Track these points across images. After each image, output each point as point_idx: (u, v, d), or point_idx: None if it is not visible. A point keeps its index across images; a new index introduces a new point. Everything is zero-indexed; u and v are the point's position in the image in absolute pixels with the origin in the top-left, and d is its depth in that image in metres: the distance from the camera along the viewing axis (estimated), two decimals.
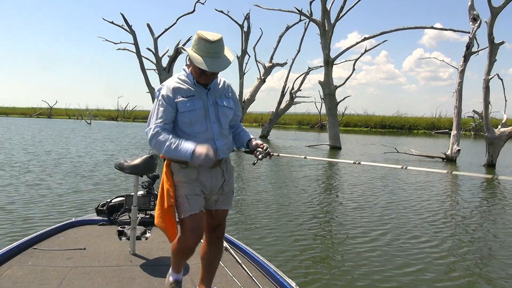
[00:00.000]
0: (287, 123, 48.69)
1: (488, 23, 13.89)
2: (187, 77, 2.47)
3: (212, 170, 2.45)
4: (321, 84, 20.63)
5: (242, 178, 10.76)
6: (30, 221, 5.99)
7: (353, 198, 8.50)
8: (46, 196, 7.62)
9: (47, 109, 61.22)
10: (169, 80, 2.49)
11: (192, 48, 2.36)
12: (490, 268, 4.78)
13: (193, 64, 2.37)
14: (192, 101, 2.42)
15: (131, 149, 17.75)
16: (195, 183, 2.41)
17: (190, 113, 2.40)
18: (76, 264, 3.11)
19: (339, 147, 20.26)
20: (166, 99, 2.40)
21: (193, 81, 2.44)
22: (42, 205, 6.93)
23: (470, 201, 8.63)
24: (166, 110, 2.39)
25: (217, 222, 2.57)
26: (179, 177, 2.41)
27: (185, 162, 2.38)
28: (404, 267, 4.66)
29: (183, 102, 2.41)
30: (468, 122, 37.09)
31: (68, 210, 6.67)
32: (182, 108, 2.40)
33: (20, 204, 6.97)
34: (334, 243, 5.62)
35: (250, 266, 3.15)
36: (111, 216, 4.12)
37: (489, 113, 14.76)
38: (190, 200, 2.39)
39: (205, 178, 2.44)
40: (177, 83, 2.44)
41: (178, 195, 2.40)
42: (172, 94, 2.40)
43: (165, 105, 2.39)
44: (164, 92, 2.41)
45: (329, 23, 19.89)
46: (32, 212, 6.49)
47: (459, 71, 16.02)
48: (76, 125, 38.18)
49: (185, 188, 2.40)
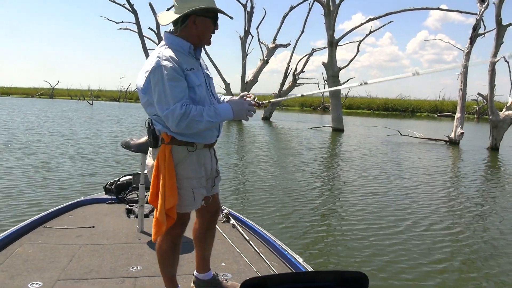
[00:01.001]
0: (290, 105, 48.51)
1: (496, 4, 13.68)
2: (182, 46, 2.16)
3: (211, 151, 2.31)
4: (325, 65, 20.46)
5: (244, 152, 10.79)
6: (39, 200, 6.06)
7: (357, 173, 8.54)
8: (55, 176, 7.68)
9: (49, 90, 60.97)
10: (163, 50, 2.11)
11: (187, 5, 2.10)
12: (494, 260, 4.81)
13: (202, 23, 2.13)
14: (196, 74, 2.16)
15: (135, 131, 17.75)
16: (201, 172, 2.23)
17: (199, 88, 2.15)
18: (86, 242, 3.15)
19: (342, 129, 20.20)
20: (176, 71, 2.04)
21: (188, 49, 2.17)
22: (50, 185, 7.00)
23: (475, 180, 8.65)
24: (181, 84, 2.06)
25: (216, 206, 2.48)
26: (185, 170, 2.17)
27: (192, 144, 2.17)
28: (410, 241, 4.70)
29: (192, 74, 2.13)
30: (472, 105, 36.87)
31: (77, 189, 6.75)
32: (192, 82, 2.11)
33: (29, 184, 7.02)
34: (340, 219, 5.67)
35: (257, 243, 3.18)
36: (119, 195, 4.16)
37: (494, 96, 14.66)
38: (195, 194, 2.21)
39: (207, 160, 2.28)
40: (176, 52, 2.11)
41: (183, 188, 2.17)
42: (179, 66, 2.06)
43: (178, 77, 2.04)
44: (168, 64, 2.03)
45: (334, 3, 19.61)
46: (41, 191, 6.56)
47: (465, 53, 15.84)
48: (78, 106, 38.08)
49: (192, 180, 2.19)
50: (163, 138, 2.15)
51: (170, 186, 2.11)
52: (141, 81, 2.13)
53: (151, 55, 2.14)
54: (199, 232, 2.48)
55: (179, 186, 2.15)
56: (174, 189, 2.12)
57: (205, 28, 2.17)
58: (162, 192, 2.10)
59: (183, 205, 2.19)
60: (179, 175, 2.15)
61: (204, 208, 2.34)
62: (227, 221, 3.60)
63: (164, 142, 2.14)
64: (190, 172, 2.18)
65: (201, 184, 2.24)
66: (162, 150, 2.13)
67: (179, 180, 2.15)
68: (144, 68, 2.12)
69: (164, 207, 2.10)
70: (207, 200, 2.35)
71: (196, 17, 2.13)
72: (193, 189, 2.20)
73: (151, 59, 2.10)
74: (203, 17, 2.14)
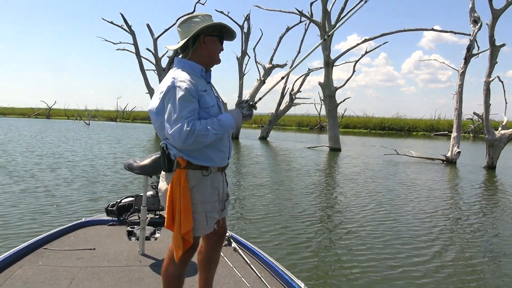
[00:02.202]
0: (287, 124, 48.67)
1: (489, 25, 13.89)
2: (194, 69, 2.23)
3: (223, 175, 2.35)
4: (321, 85, 20.60)
5: (243, 173, 10.74)
6: (40, 221, 6.02)
7: (357, 194, 8.51)
8: (56, 197, 7.65)
9: (45, 110, 61.08)
10: (178, 72, 2.16)
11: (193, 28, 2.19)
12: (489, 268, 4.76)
13: (210, 42, 2.23)
14: (209, 95, 2.22)
15: (136, 152, 17.69)
16: (214, 196, 2.25)
17: (213, 108, 2.19)
18: (86, 264, 3.13)
19: (339, 148, 20.23)
20: (190, 93, 2.08)
21: (201, 72, 2.24)
22: (52, 206, 6.95)
23: (471, 197, 8.62)
24: (193, 105, 2.09)
25: (223, 230, 2.49)
26: (200, 194, 2.19)
27: (207, 168, 2.19)
28: (416, 265, 4.65)
29: (207, 95, 2.18)
30: (467, 124, 37.10)
31: (79, 210, 6.70)
32: (207, 103, 2.16)
33: (30, 204, 6.98)
34: (342, 242, 5.60)
35: (259, 267, 3.16)
36: (120, 216, 4.13)
37: (489, 115, 14.76)
38: (209, 218, 2.23)
39: (220, 184, 2.31)
40: (191, 75, 2.16)
41: (197, 212, 2.18)
42: (194, 87, 2.11)
43: (190, 98, 2.08)
44: (183, 85, 2.08)
45: (330, 24, 19.87)
46: (43, 212, 6.52)
47: (460, 73, 16.01)
48: (75, 126, 38.09)
49: (206, 204, 2.21)
50: (178, 162, 2.17)
51: (185, 211, 2.13)
52: (155, 102, 2.17)
53: (166, 78, 2.19)
54: (204, 255, 2.48)
55: (194, 210, 2.17)
56: (189, 213, 2.14)
57: (214, 47, 2.25)
58: (178, 216, 2.12)
59: (197, 229, 2.20)
60: (194, 199, 2.17)
61: (212, 232, 2.33)
62: (228, 244, 3.57)
63: (180, 167, 2.16)
64: (204, 196, 2.21)
65: (215, 208, 2.27)
66: (177, 174, 2.16)
67: (193, 205, 2.17)
68: (159, 89, 2.17)
69: (180, 231, 2.12)
70: (217, 224, 2.35)
71: (205, 37, 2.22)
72: (207, 213, 2.22)
73: (166, 80, 2.15)
74: (210, 36, 2.23)
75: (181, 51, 2.27)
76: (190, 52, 2.23)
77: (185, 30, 2.21)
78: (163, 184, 2.28)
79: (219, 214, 2.34)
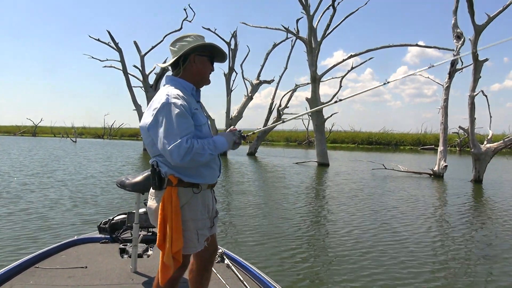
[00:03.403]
0: (275, 140, 48.71)
1: (472, 40, 14.14)
2: (185, 87, 2.23)
3: (212, 192, 2.34)
4: (308, 101, 20.71)
5: (232, 190, 10.63)
6: (32, 239, 5.93)
7: (347, 209, 8.46)
8: (48, 215, 7.56)
9: (31, 127, 60.31)
10: (171, 89, 2.16)
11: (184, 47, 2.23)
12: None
13: (201, 62, 2.27)
14: (200, 113, 2.24)
15: (127, 170, 17.47)
16: (205, 213, 2.24)
17: (204, 127, 2.21)
18: (78, 283, 3.08)
19: (327, 163, 20.25)
20: (184, 108, 2.08)
21: (191, 90, 2.25)
22: (44, 224, 6.85)
23: (459, 208, 8.63)
24: (189, 121, 2.10)
25: (214, 246, 2.47)
26: (191, 211, 2.17)
27: (197, 185, 2.18)
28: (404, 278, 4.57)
29: (198, 113, 2.20)
30: (453, 138, 37.52)
31: (71, 228, 6.61)
32: (199, 121, 2.18)
33: (21, 222, 6.88)
34: (335, 258, 5.54)
35: (251, 283, 3.15)
36: (113, 234, 4.10)
37: (474, 129, 14.93)
38: (200, 236, 2.22)
39: (209, 201, 2.30)
40: (183, 93, 2.17)
41: (188, 229, 2.16)
42: (188, 104, 2.13)
43: (186, 114, 2.08)
44: (178, 102, 2.08)
45: (316, 40, 20.09)
46: (34, 230, 6.42)
47: (444, 87, 16.23)
48: (61, 144, 37.55)
49: (197, 222, 2.20)
50: (170, 180, 2.14)
51: (176, 229, 2.10)
52: (147, 118, 2.15)
53: (159, 94, 2.18)
54: (195, 273, 2.45)
55: (184, 228, 2.14)
56: (180, 231, 2.10)
57: (204, 66, 2.27)
58: (170, 235, 2.08)
59: (188, 247, 2.18)
60: (185, 217, 2.15)
61: (203, 249, 2.30)
62: (221, 260, 3.54)
63: (172, 184, 2.14)
64: (196, 213, 2.20)
65: (205, 225, 2.25)
66: (168, 192, 2.13)
67: (185, 222, 2.15)
68: (152, 106, 2.15)
69: (171, 250, 2.08)
70: (207, 241, 2.34)
71: (196, 56, 2.24)
72: (198, 230, 2.20)
73: (160, 97, 2.14)
74: (201, 56, 2.26)
75: (172, 69, 2.30)
76: (181, 71, 2.25)
77: (177, 49, 2.24)
78: (152, 203, 2.26)
79: (209, 231, 2.33)
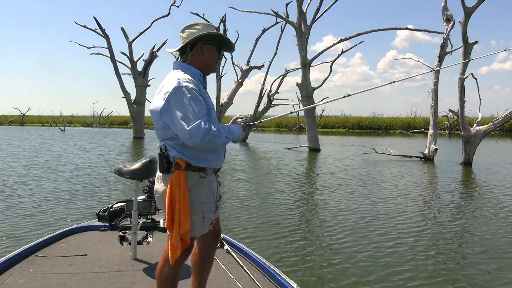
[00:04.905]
0: (266, 126, 48.70)
1: (461, 23, 14.11)
2: (193, 73, 2.29)
3: (216, 176, 2.39)
4: (299, 86, 20.65)
5: (226, 176, 10.56)
6: (32, 228, 5.90)
7: (340, 192, 8.48)
8: (47, 204, 7.52)
9: (19, 117, 59.46)
10: (181, 74, 2.21)
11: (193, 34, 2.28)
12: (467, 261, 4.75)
13: (208, 50, 2.31)
14: (209, 98, 2.32)
15: (122, 159, 17.32)
16: (210, 197, 2.29)
17: (212, 111, 2.27)
18: (78, 270, 3.11)
19: (318, 148, 20.29)
20: (196, 92, 2.15)
21: (199, 77, 2.31)
22: (43, 213, 6.84)
23: (451, 191, 8.69)
24: (202, 103, 2.16)
25: (217, 230, 2.51)
26: (198, 195, 2.23)
27: (204, 169, 2.24)
28: (404, 272, 4.58)
29: (206, 98, 2.27)
30: (443, 121, 37.80)
31: (70, 217, 6.59)
32: (208, 105, 2.24)
33: (21, 212, 6.86)
34: (334, 242, 5.56)
35: (251, 268, 3.18)
36: (112, 222, 4.12)
37: (464, 112, 15.00)
38: (205, 219, 2.27)
39: (214, 185, 2.34)
40: (191, 78, 2.22)
41: (194, 213, 2.22)
42: (198, 88, 2.20)
43: (199, 98, 2.15)
44: (189, 85, 2.14)
45: (305, 25, 19.94)
46: (34, 219, 6.40)
47: (435, 71, 16.23)
48: (50, 133, 37.10)
49: (203, 205, 2.26)
50: (178, 164, 2.19)
51: (184, 211, 2.15)
52: (159, 102, 2.18)
53: (169, 79, 2.22)
54: (198, 257, 2.50)
55: (191, 211, 2.20)
56: (188, 214, 2.17)
57: (211, 55, 2.34)
58: (177, 217, 2.15)
59: (193, 230, 2.24)
60: (192, 200, 2.20)
61: (206, 233, 2.36)
62: (221, 246, 3.56)
63: (180, 168, 2.18)
64: (202, 197, 2.25)
65: (211, 208, 2.31)
66: (176, 175, 2.17)
67: (191, 205, 2.20)
68: (163, 90, 2.18)
69: (179, 231, 2.15)
70: (212, 224, 2.39)
71: (203, 44, 2.30)
72: (204, 213, 2.26)
73: (171, 81, 2.18)
74: (208, 45, 2.32)
75: (180, 55, 2.35)
76: (189, 57, 2.31)
77: (185, 35, 2.31)
78: (160, 186, 2.29)
79: (214, 214, 2.38)
